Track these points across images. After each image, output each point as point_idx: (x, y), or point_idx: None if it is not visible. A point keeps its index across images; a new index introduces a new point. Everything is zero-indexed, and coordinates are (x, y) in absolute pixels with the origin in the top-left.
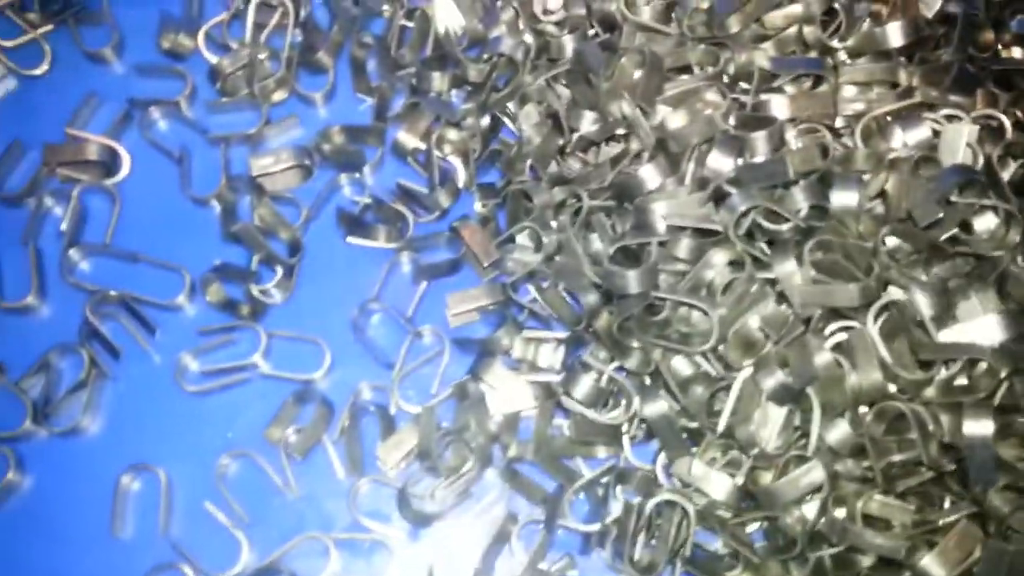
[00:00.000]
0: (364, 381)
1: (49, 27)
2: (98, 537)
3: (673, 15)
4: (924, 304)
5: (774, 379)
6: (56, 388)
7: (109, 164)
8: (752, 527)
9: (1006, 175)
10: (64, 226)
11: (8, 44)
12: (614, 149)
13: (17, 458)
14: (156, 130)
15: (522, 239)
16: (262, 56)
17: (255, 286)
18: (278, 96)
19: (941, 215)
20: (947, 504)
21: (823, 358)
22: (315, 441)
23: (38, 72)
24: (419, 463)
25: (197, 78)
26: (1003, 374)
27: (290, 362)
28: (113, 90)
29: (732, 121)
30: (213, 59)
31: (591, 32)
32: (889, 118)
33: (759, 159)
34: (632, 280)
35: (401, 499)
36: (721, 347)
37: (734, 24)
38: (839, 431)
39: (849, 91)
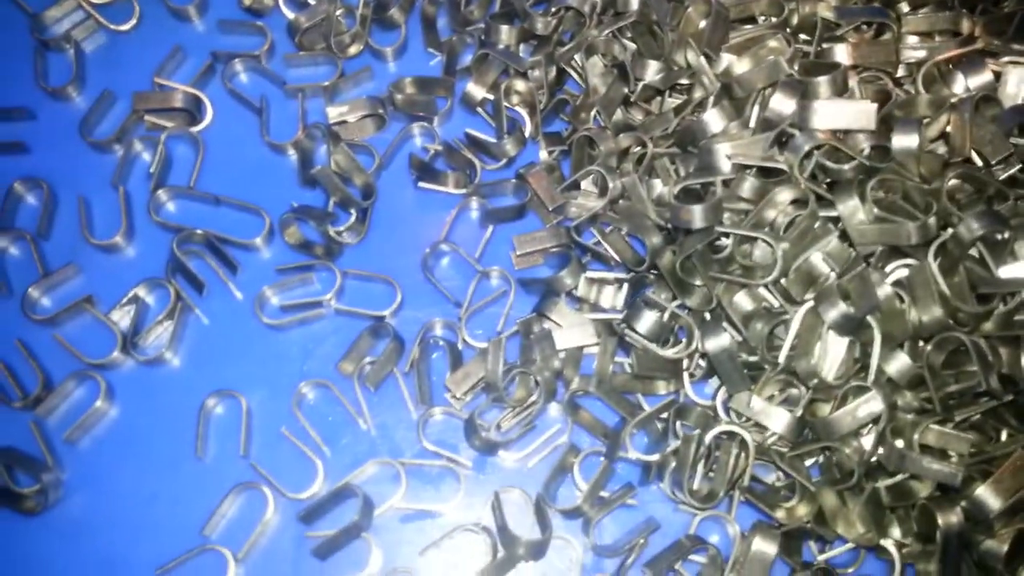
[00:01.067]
0: (435, 318)
1: None
2: (182, 459)
3: None
4: (979, 231)
5: (836, 310)
6: (143, 320)
7: (193, 112)
8: (808, 462)
9: None
10: (152, 169)
11: (98, 1)
12: (677, 100)
13: (107, 385)
14: (237, 81)
15: (586, 185)
16: (338, 13)
17: (331, 227)
18: (352, 51)
19: (1013, 151)
20: (1003, 437)
21: (884, 291)
22: (387, 373)
23: (126, 27)
24: (486, 395)
25: (276, 33)
26: None
27: (363, 300)
28: (196, 45)
29: (796, 68)
30: (291, 15)
31: None
32: (951, 65)
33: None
34: (697, 214)
35: (468, 428)
36: (783, 281)
37: None
38: (899, 362)
39: (911, 40)
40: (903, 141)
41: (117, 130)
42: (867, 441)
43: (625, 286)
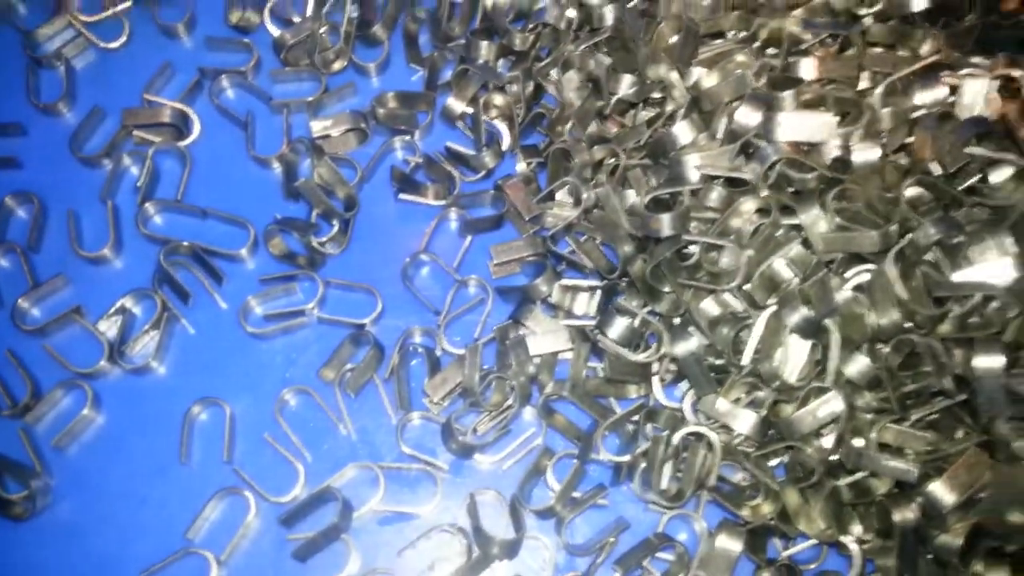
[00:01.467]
0: (414, 325)
1: (128, 4)
2: (167, 464)
3: None
4: (935, 236)
5: (797, 314)
6: (130, 330)
7: (181, 127)
8: (774, 461)
9: None
10: (140, 183)
11: (89, 19)
12: (649, 113)
13: (94, 393)
14: (224, 97)
15: (562, 196)
16: (322, 30)
17: (314, 238)
18: (336, 66)
19: (971, 160)
20: (959, 435)
21: (843, 295)
22: (367, 379)
23: (116, 45)
24: (463, 400)
25: (262, 50)
26: (1014, 312)
27: (344, 308)
28: (185, 62)
29: (763, 81)
30: (277, 32)
31: (630, 4)
32: (912, 78)
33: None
34: (666, 223)
35: (446, 432)
36: (747, 286)
37: None
38: (858, 364)
39: (874, 54)
40: (864, 154)
41: (106, 145)
42: (828, 440)
43: (598, 293)
